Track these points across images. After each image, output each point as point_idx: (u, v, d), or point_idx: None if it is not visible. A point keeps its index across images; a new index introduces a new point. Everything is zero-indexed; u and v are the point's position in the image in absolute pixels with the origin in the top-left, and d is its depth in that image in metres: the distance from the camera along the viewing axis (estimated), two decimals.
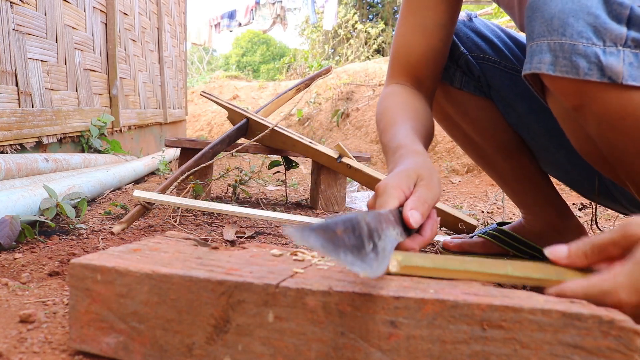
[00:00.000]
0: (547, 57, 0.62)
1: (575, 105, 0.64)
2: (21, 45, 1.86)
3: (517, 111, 0.98)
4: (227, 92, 8.33)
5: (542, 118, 0.94)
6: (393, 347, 0.41)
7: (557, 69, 0.61)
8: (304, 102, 6.25)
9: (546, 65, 0.62)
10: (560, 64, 0.61)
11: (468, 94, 1.01)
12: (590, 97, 0.61)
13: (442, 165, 3.61)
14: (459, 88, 1.01)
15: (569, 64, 0.60)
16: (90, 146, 2.50)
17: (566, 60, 0.60)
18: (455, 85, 1.01)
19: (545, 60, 0.62)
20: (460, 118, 1.05)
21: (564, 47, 0.61)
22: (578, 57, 0.60)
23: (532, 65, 0.64)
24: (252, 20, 11.12)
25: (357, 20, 11.88)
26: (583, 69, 0.59)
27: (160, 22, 4.31)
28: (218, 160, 1.70)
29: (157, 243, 0.62)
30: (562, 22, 0.61)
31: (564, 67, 0.61)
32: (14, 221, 1.02)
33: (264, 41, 21.86)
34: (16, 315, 0.61)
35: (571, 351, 0.37)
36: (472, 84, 1.01)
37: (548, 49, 0.62)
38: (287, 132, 1.68)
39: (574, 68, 0.60)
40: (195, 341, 0.46)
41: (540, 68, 0.63)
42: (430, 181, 0.64)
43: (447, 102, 1.04)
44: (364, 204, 1.99)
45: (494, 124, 1.03)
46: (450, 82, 1.01)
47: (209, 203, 1.29)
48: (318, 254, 0.57)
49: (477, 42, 1.00)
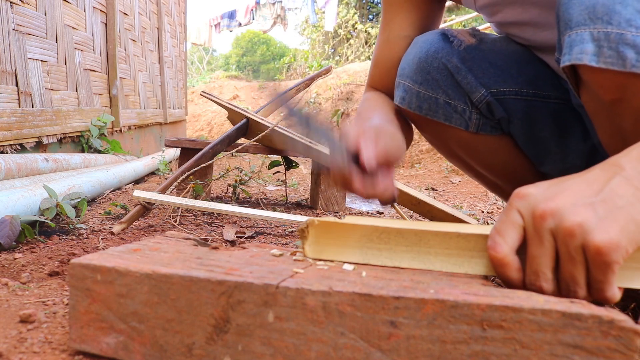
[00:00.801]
0: (589, 47, 0.58)
1: (614, 99, 0.60)
2: (21, 45, 1.86)
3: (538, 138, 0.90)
4: (227, 92, 8.33)
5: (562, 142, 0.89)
6: (393, 347, 0.41)
7: (600, 60, 0.57)
8: (304, 102, 6.25)
9: (588, 56, 0.58)
10: (605, 54, 0.57)
11: (484, 136, 0.91)
12: (633, 90, 0.57)
13: (442, 165, 3.61)
14: (474, 133, 0.91)
15: (615, 54, 0.56)
16: (90, 146, 2.50)
17: (612, 51, 0.56)
18: (471, 130, 0.90)
19: (588, 50, 0.58)
20: (473, 160, 0.97)
21: (609, 37, 0.56)
22: (626, 47, 0.55)
23: (572, 56, 0.59)
24: (252, 20, 11.12)
25: (358, 20, 11.89)
26: (630, 60, 0.55)
27: (160, 22, 4.31)
28: (218, 160, 1.70)
29: (157, 243, 0.62)
30: (607, 9, 0.57)
31: (609, 58, 0.56)
32: (14, 221, 1.02)
33: (264, 41, 21.86)
34: (16, 315, 0.61)
35: (571, 351, 0.37)
36: (490, 124, 0.91)
37: (591, 38, 0.57)
38: (287, 132, 1.68)
39: (621, 59, 0.56)
40: (195, 341, 0.46)
41: (581, 59, 0.58)
42: (392, 138, 0.68)
43: (459, 146, 0.95)
44: (364, 204, 1.99)
45: (511, 163, 0.95)
46: (465, 127, 0.90)
47: (209, 203, 1.29)
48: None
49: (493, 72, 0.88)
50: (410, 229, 0.53)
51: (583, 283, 0.44)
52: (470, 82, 0.87)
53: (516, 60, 0.89)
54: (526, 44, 0.91)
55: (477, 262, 0.51)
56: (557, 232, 0.44)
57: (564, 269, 0.45)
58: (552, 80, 0.88)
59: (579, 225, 0.43)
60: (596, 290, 0.44)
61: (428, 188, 2.79)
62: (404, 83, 0.91)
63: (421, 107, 0.90)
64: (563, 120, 0.88)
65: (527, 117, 0.88)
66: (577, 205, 0.44)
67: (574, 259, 0.43)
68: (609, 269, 0.42)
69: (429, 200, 1.25)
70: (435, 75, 0.88)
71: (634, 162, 0.47)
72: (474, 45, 0.88)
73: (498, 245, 0.47)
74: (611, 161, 0.49)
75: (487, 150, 0.94)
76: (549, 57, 0.89)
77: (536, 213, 0.45)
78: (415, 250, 0.53)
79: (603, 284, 0.43)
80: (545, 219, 0.44)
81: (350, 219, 0.56)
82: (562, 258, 0.44)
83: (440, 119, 0.90)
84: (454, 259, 0.52)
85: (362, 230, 0.54)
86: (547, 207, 0.45)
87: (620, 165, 0.47)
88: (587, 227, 0.42)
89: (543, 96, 0.88)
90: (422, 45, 0.90)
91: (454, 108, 0.89)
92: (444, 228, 0.52)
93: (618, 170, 0.47)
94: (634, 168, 0.46)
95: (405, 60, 0.92)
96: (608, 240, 0.42)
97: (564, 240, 0.43)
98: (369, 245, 0.54)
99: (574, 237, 0.43)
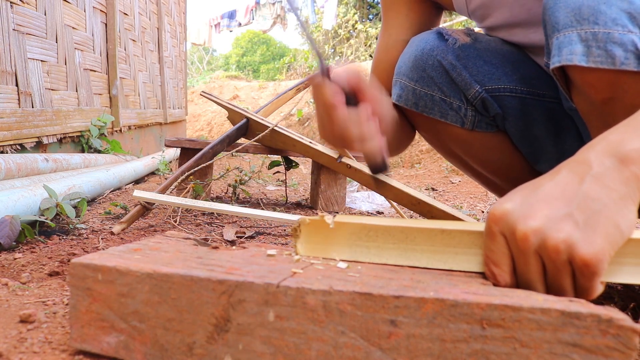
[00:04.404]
0: (578, 47, 0.58)
1: (605, 98, 0.60)
2: (21, 45, 1.86)
3: (533, 136, 0.91)
4: (227, 92, 8.33)
5: (558, 141, 0.90)
6: (393, 346, 0.41)
7: (590, 60, 0.57)
8: (304, 102, 6.25)
9: (578, 57, 0.58)
10: (594, 54, 0.57)
11: (480, 133, 0.92)
12: (624, 88, 0.58)
13: (442, 165, 3.61)
14: (470, 130, 0.92)
15: (604, 53, 0.56)
16: (90, 146, 2.50)
17: (600, 50, 0.57)
18: (467, 127, 0.91)
19: (577, 51, 0.58)
20: (469, 158, 0.98)
21: (597, 37, 0.57)
22: (614, 45, 0.56)
23: (561, 57, 0.60)
24: (252, 20, 11.12)
25: (357, 20, 11.89)
26: (619, 58, 0.56)
27: (160, 22, 4.31)
28: (218, 160, 1.70)
29: (157, 243, 0.62)
30: (593, 10, 0.57)
31: (598, 57, 0.57)
32: (14, 221, 1.02)
33: (264, 41, 21.86)
34: (16, 315, 0.61)
35: (570, 350, 0.38)
36: (485, 121, 0.92)
37: (579, 39, 0.58)
38: (287, 132, 1.68)
39: (610, 57, 0.56)
40: (196, 340, 0.46)
41: (571, 60, 0.59)
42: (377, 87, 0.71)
43: (456, 144, 0.96)
44: (364, 204, 1.99)
45: (507, 160, 0.96)
46: (460, 124, 0.91)
47: (209, 203, 1.29)
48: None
49: (487, 69, 0.88)
50: (397, 226, 0.54)
51: (571, 289, 0.45)
52: (465, 79, 0.87)
53: (510, 59, 0.90)
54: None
55: (462, 258, 0.52)
56: (541, 250, 0.44)
57: (551, 280, 0.45)
58: (546, 79, 0.88)
59: (563, 241, 0.43)
60: (582, 292, 0.45)
61: (428, 188, 2.79)
62: (401, 81, 0.92)
63: (417, 104, 0.91)
64: (557, 119, 0.89)
65: (522, 114, 0.89)
66: (556, 220, 0.44)
67: (561, 272, 0.44)
68: (596, 276, 0.43)
69: (429, 200, 1.25)
70: (430, 72, 0.88)
71: (601, 156, 0.47)
72: (469, 43, 0.89)
73: (500, 277, 0.47)
74: (578, 158, 0.49)
75: (483, 147, 0.94)
76: (539, 58, 0.89)
77: (518, 235, 0.45)
78: (402, 248, 0.54)
79: (589, 289, 0.44)
80: (528, 240, 0.44)
81: (341, 217, 0.57)
82: (549, 272, 0.45)
83: (436, 116, 0.91)
84: (439, 256, 0.53)
85: (351, 228, 0.55)
86: (528, 227, 0.44)
87: (588, 163, 0.47)
88: (571, 242, 0.43)
89: (538, 94, 0.88)
90: (418, 44, 0.90)
91: (450, 105, 0.90)
92: (429, 225, 0.53)
93: (586, 169, 0.47)
94: (601, 164, 0.46)
95: (402, 59, 0.93)
96: (594, 253, 0.42)
97: (550, 257, 0.44)
98: (357, 243, 0.55)
99: (559, 254, 0.43)
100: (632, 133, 0.47)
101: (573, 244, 0.43)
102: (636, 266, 0.47)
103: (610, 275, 0.47)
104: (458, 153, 0.98)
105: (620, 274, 0.47)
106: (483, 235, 0.50)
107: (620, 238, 0.44)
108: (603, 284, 0.45)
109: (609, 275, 0.47)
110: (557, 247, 0.43)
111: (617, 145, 0.47)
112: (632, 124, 0.49)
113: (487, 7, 0.89)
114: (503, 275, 0.47)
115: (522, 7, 0.83)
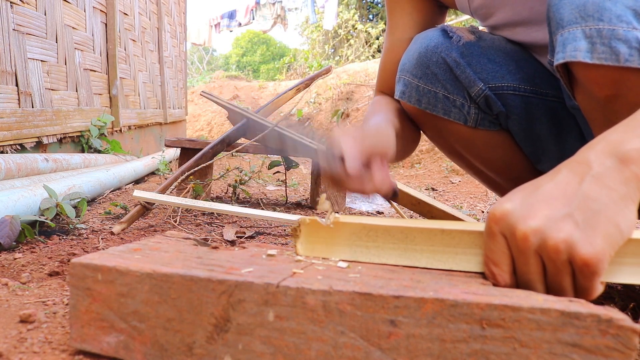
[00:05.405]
0: (582, 44, 0.58)
1: (609, 95, 0.60)
2: (21, 45, 1.86)
3: (535, 135, 0.91)
4: (227, 92, 8.33)
5: (560, 140, 0.90)
6: (393, 346, 0.41)
7: (594, 56, 0.57)
8: (304, 102, 6.25)
9: (582, 53, 0.58)
10: (599, 50, 0.57)
11: (483, 131, 0.92)
12: (628, 85, 0.58)
13: (442, 165, 3.61)
14: (473, 127, 0.91)
15: (608, 50, 0.56)
16: (90, 146, 2.50)
17: (605, 47, 0.56)
18: (470, 124, 0.91)
19: (581, 47, 0.58)
20: (472, 156, 0.97)
21: (602, 33, 0.57)
22: (618, 42, 0.56)
23: (565, 54, 0.60)
24: (252, 20, 11.12)
25: (358, 20, 11.88)
26: (624, 54, 0.56)
27: (160, 22, 4.31)
28: (218, 160, 1.70)
29: (157, 243, 0.62)
30: (597, 7, 0.57)
31: (603, 54, 0.57)
32: (14, 221, 1.02)
33: (264, 41, 21.86)
34: (16, 315, 0.61)
35: (570, 350, 0.38)
36: (488, 119, 0.91)
37: (583, 35, 0.58)
38: (287, 132, 1.68)
39: (614, 54, 0.56)
40: (196, 340, 0.46)
41: (575, 56, 0.58)
42: (378, 133, 0.71)
43: (458, 142, 0.95)
44: (364, 204, 1.99)
45: (509, 159, 0.95)
46: (463, 121, 0.91)
47: (209, 203, 1.29)
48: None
49: (491, 67, 0.88)
50: (396, 226, 0.54)
51: (570, 289, 0.45)
52: (469, 77, 0.87)
53: (514, 57, 0.90)
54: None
55: (462, 258, 0.52)
56: (542, 250, 0.44)
57: (551, 280, 0.45)
58: (549, 78, 0.88)
59: (563, 241, 0.43)
60: (582, 292, 0.45)
61: (428, 188, 2.79)
62: (404, 77, 0.92)
63: (420, 100, 0.91)
64: (560, 118, 0.89)
65: (524, 113, 0.89)
66: (556, 220, 0.44)
67: (561, 272, 0.44)
68: (596, 276, 0.43)
69: (429, 200, 1.25)
70: (434, 69, 0.88)
71: (600, 156, 0.47)
72: (473, 41, 0.89)
73: (499, 277, 0.47)
74: (578, 158, 0.49)
75: (486, 145, 0.94)
76: (542, 57, 0.89)
77: (518, 235, 0.45)
78: (402, 248, 0.54)
79: (590, 289, 0.44)
80: (528, 240, 0.44)
81: (341, 217, 0.57)
82: (549, 272, 0.45)
83: (439, 113, 0.91)
84: (439, 256, 0.53)
85: (351, 228, 0.56)
86: (528, 227, 0.44)
87: (588, 163, 0.47)
88: (571, 242, 0.43)
89: (541, 93, 0.88)
90: (422, 41, 0.90)
91: (453, 102, 0.89)
92: (429, 225, 0.53)
93: (586, 169, 0.47)
94: (601, 164, 0.47)
95: (406, 56, 0.93)
96: (594, 253, 0.42)
97: (550, 257, 0.44)
98: (357, 242, 0.56)
99: (559, 254, 0.43)
100: (632, 133, 0.47)
101: (573, 244, 0.43)
102: (636, 266, 0.47)
103: (610, 275, 0.47)
104: (460, 151, 0.98)
105: (620, 274, 0.47)
106: (483, 235, 0.50)
107: (620, 238, 0.44)
108: (603, 284, 0.45)
109: (609, 275, 0.47)
110: (557, 247, 0.43)
111: (617, 145, 0.47)
112: (632, 124, 0.49)
113: (489, 5, 0.89)
114: (503, 275, 0.47)
115: (524, 6, 0.83)
